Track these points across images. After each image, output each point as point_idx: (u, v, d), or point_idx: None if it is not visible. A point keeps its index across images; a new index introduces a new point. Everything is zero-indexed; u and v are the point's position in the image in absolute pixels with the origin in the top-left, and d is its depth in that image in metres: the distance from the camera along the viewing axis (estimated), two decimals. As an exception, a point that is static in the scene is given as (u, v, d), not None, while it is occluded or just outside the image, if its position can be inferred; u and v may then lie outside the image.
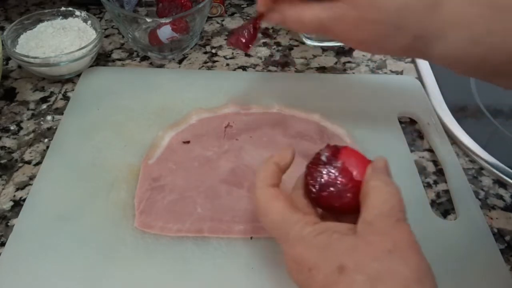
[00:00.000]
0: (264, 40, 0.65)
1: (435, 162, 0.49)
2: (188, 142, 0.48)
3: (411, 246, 0.28)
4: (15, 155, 0.48)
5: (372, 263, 0.27)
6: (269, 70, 0.61)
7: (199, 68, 0.61)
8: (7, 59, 0.60)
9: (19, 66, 0.59)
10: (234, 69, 0.61)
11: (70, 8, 0.60)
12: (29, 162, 0.48)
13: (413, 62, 0.63)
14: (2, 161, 0.48)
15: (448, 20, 0.35)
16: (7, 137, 0.50)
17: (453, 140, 0.52)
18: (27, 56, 0.53)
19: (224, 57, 0.63)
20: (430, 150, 0.51)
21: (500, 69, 0.35)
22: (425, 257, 0.28)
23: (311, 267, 0.29)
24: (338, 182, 0.32)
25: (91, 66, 0.58)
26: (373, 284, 0.27)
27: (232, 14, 0.72)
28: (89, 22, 0.59)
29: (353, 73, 0.61)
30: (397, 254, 0.28)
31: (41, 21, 0.59)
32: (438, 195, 0.46)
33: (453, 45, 0.35)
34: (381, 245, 0.28)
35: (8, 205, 0.44)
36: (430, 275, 0.28)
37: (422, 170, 0.48)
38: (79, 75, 0.57)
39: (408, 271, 0.27)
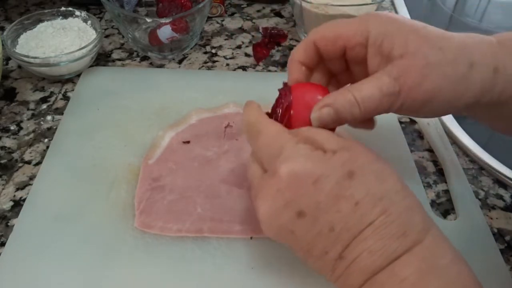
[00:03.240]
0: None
1: (435, 162, 0.49)
2: (188, 142, 0.48)
3: (377, 156, 0.31)
4: (15, 155, 0.48)
5: (371, 165, 0.30)
6: (269, 70, 0.61)
7: (199, 68, 0.61)
8: (7, 59, 0.60)
9: (19, 66, 0.59)
10: (234, 69, 0.61)
11: (70, 8, 0.60)
12: (29, 162, 0.48)
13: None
14: (2, 161, 0.48)
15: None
16: (7, 137, 0.50)
17: (453, 140, 0.52)
18: (27, 56, 0.53)
19: (224, 57, 0.63)
20: (430, 150, 0.51)
21: None
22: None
23: (316, 179, 0.29)
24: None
25: (91, 66, 0.58)
26: (381, 180, 0.29)
27: (232, 14, 0.72)
28: (89, 22, 0.59)
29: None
30: (381, 159, 0.31)
31: (41, 21, 0.59)
32: (438, 195, 0.46)
33: None
34: (369, 154, 0.31)
35: (8, 205, 0.44)
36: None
37: (422, 170, 0.48)
38: (79, 75, 0.57)
39: (393, 171, 0.31)
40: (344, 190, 0.29)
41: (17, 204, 0.43)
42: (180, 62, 0.62)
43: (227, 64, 0.62)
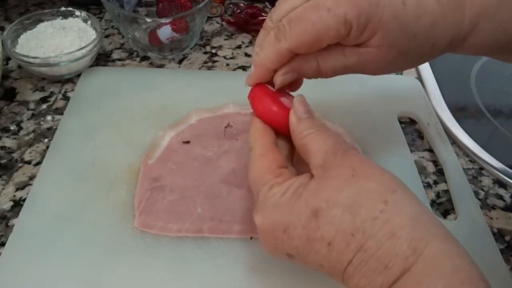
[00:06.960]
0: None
1: (435, 162, 0.49)
2: (188, 142, 0.48)
3: (369, 165, 0.29)
4: (15, 155, 0.48)
5: (341, 193, 0.27)
6: (269, 70, 0.61)
7: (199, 68, 0.61)
8: (7, 59, 0.60)
9: (19, 66, 0.59)
10: (234, 69, 0.61)
11: (70, 8, 0.60)
12: (29, 162, 0.48)
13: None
14: (2, 161, 0.48)
15: (477, 11, 0.33)
16: (7, 137, 0.50)
17: (453, 140, 0.52)
18: (27, 56, 0.53)
19: (224, 57, 0.63)
20: (430, 150, 0.51)
21: None
22: (387, 170, 0.29)
23: (285, 228, 0.28)
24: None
25: (91, 66, 0.58)
26: (352, 211, 0.27)
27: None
28: (89, 22, 0.59)
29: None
30: (361, 176, 0.28)
31: (41, 21, 0.59)
32: (438, 195, 0.46)
33: (483, 34, 0.34)
34: (341, 175, 0.28)
35: (8, 205, 0.44)
36: (398, 183, 0.28)
37: (422, 170, 0.48)
38: (79, 75, 0.57)
39: (378, 186, 0.27)
40: (314, 232, 0.28)
41: (17, 204, 0.43)
42: (180, 62, 0.62)
43: (227, 64, 0.62)
